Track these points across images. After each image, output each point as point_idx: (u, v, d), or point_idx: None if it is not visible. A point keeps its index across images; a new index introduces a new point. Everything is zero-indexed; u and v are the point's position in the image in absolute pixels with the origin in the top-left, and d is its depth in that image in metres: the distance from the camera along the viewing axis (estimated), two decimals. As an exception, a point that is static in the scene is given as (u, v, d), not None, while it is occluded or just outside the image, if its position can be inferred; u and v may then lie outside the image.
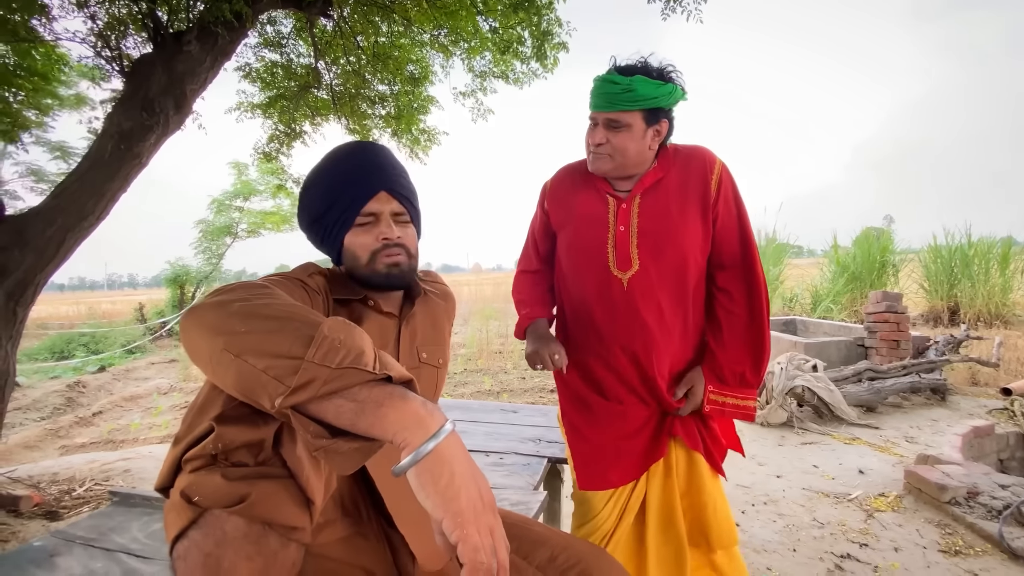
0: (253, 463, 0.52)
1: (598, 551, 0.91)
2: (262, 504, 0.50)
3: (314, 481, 0.55)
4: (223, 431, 0.51)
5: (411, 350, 0.94)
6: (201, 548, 0.48)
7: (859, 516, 2.27)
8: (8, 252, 1.95)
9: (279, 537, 0.51)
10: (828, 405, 3.46)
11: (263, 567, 0.50)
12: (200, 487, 0.50)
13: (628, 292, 1.16)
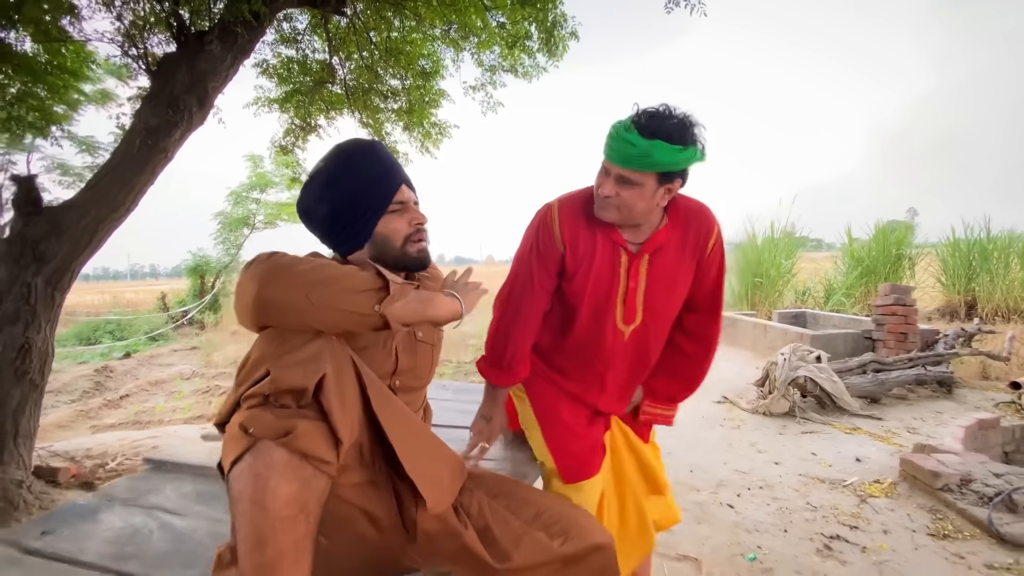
0: (295, 406, 0.64)
1: (579, 511, 1.01)
2: (302, 438, 0.62)
3: (343, 425, 0.66)
4: (276, 376, 0.63)
5: (408, 330, 1.03)
6: (253, 470, 0.61)
7: (852, 501, 2.33)
8: (47, 241, 2.10)
9: (313, 468, 0.63)
10: (831, 396, 3.50)
11: (299, 490, 0.62)
12: (255, 420, 0.62)
13: (627, 343, 1.25)
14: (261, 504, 0.60)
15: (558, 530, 0.94)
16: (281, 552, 0.60)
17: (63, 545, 1.07)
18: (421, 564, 0.91)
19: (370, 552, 0.85)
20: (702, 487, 2.53)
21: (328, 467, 0.65)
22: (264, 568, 0.59)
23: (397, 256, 0.99)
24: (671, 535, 2.10)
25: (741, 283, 8.45)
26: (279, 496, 0.60)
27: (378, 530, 0.84)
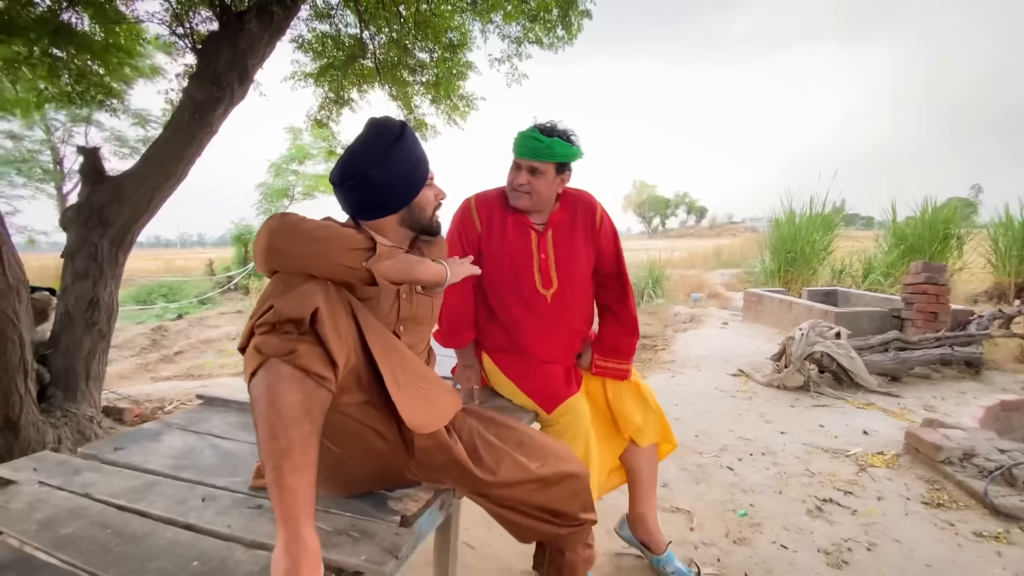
0: (297, 333, 0.80)
1: (559, 444, 1.16)
2: (303, 357, 0.77)
3: (337, 351, 0.82)
4: (278, 308, 0.79)
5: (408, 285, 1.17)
6: (266, 380, 0.77)
7: (851, 469, 2.41)
8: (110, 206, 2.35)
9: (314, 382, 0.79)
10: (848, 372, 3.51)
11: (303, 398, 0.78)
12: (265, 343, 0.78)
13: (551, 305, 1.56)
14: (274, 406, 0.76)
15: (537, 456, 1.10)
16: (291, 442, 0.76)
17: (132, 458, 1.30)
18: (420, 478, 1.09)
19: (379, 462, 1.03)
20: (705, 451, 2.65)
21: (326, 383, 0.80)
22: (278, 453, 0.76)
23: (427, 222, 1.15)
24: (668, 490, 2.24)
25: (773, 260, 8.28)
26: (287, 400, 0.76)
27: (385, 441, 1.01)
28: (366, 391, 0.94)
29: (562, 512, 1.12)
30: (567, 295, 1.57)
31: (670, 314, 7.13)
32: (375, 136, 1.09)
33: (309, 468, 0.78)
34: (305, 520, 0.76)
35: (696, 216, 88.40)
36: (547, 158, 1.45)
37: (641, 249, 14.72)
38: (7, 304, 1.89)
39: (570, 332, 1.62)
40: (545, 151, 1.44)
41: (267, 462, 0.76)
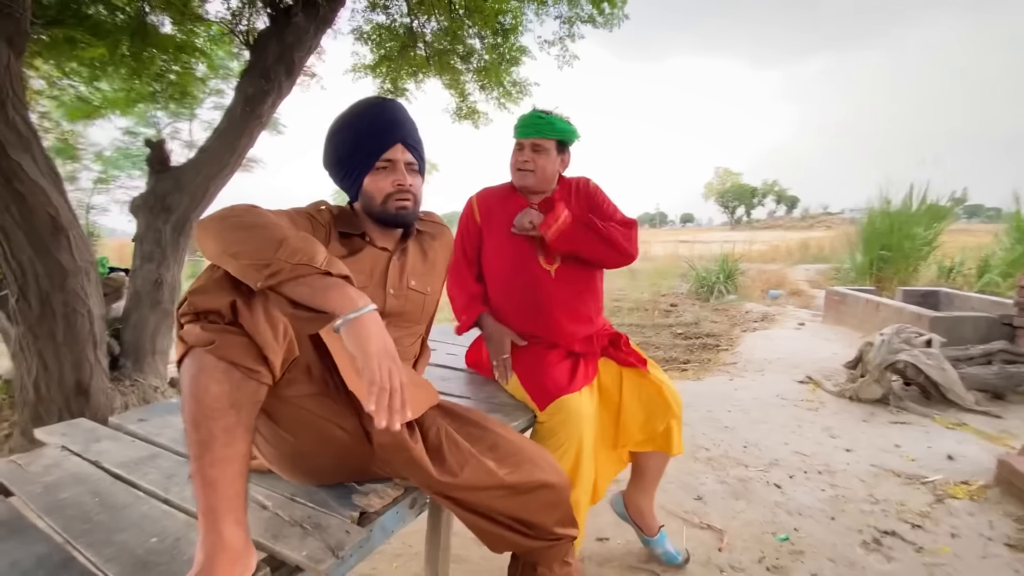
0: (222, 323, 0.77)
1: (538, 450, 1.08)
2: (224, 348, 0.75)
3: (270, 345, 0.78)
4: (191, 300, 0.77)
5: (400, 278, 1.15)
6: (190, 371, 0.76)
7: (926, 499, 2.09)
8: (172, 195, 2.55)
9: (242, 374, 0.76)
10: (938, 385, 3.06)
11: (229, 389, 0.75)
12: (187, 332, 0.77)
13: (556, 279, 1.54)
14: (195, 397, 0.74)
15: (510, 461, 1.02)
16: (212, 434, 0.74)
17: (149, 429, 1.38)
18: (387, 473, 1.05)
19: (342, 451, 1.00)
20: (751, 464, 2.42)
21: (257, 375, 0.77)
22: (199, 444, 0.74)
23: (378, 213, 1.10)
24: (703, 504, 2.07)
25: (866, 256, 7.45)
26: (210, 392, 0.74)
27: (345, 431, 0.98)
28: (317, 384, 0.91)
29: (534, 523, 1.04)
30: (571, 269, 1.57)
31: (741, 312, 6.66)
32: (334, 120, 1.09)
33: (233, 461, 0.75)
34: (225, 515, 0.74)
35: (787, 206, 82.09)
36: (549, 134, 1.51)
37: (719, 241, 13.88)
38: (76, 282, 2.09)
39: (578, 314, 1.57)
40: (546, 127, 1.51)
41: (190, 452, 0.75)
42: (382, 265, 1.13)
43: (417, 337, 1.25)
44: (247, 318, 0.77)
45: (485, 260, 1.63)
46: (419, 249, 1.21)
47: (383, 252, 1.14)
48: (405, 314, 1.16)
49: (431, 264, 1.23)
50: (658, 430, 1.50)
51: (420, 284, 1.18)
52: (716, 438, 2.71)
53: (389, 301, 1.12)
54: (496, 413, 1.42)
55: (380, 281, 1.12)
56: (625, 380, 1.54)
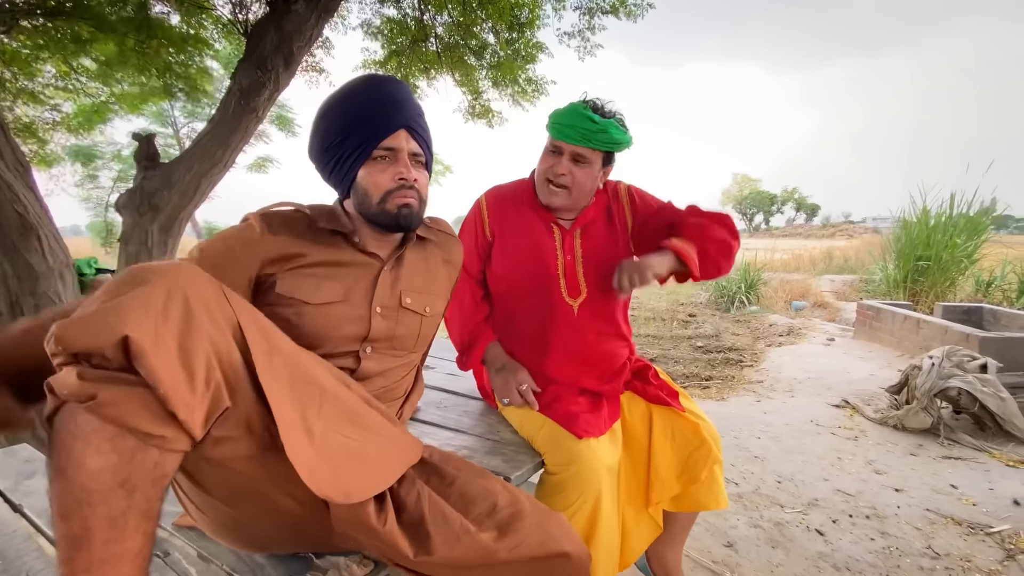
0: (113, 368, 0.53)
1: (550, 514, 0.84)
2: (110, 407, 0.52)
3: (181, 397, 0.54)
4: (58, 334, 0.53)
5: (391, 293, 0.93)
6: (59, 434, 0.52)
7: (995, 555, 1.81)
8: (159, 193, 2.38)
9: (137, 440, 0.53)
10: (995, 416, 2.75)
11: (115, 463, 0.52)
12: (59, 382, 0.53)
13: (579, 317, 1.28)
14: (64, 473, 0.52)
15: (512, 531, 0.78)
16: (87, 528, 0.52)
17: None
18: (350, 546, 0.83)
19: (293, 522, 0.78)
20: (788, 504, 2.15)
21: (158, 441, 0.54)
22: (67, 540, 0.52)
23: (374, 213, 0.89)
24: (734, 553, 1.82)
25: (898, 267, 7.07)
26: (84, 467, 0.51)
27: (298, 502, 0.75)
28: (259, 441, 0.68)
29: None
30: (599, 306, 1.30)
31: (764, 324, 6.34)
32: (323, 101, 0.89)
33: (121, 561, 0.54)
34: None
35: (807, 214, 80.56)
36: (599, 144, 1.19)
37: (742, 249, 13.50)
38: (48, 286, 1.93)
39: (600, 353, 1.31)
40: (598, 135, 1.17)
41: (57, 550, 0.53)
42: (370, 276, 0.92)
43: (411, 368, 1.03)
44: (149, 359, 0.53)
45: (491, 280, 1.35)
46: (420, 259, 0.99)
47: (372, 260, 0.93)
48: (396, 339, 0.94)
49: (433, 279, 1.01)
50: (699, 478, 1.25)
51: (417, 303, 0.96)
52: (746, 470, 2.44)
53: (376, 323, 0.91)
54: (495, 456, 1.19)
55: (365, 297, 0.90)
56: (656, 419, 1.29)
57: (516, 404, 1.26)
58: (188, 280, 0.59)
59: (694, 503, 1.29)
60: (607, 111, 1.21)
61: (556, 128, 1.20)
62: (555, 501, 1.12)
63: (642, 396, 1.33)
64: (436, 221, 1.09)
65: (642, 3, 3.13)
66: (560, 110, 1.22)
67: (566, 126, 1.18)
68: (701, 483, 1.28)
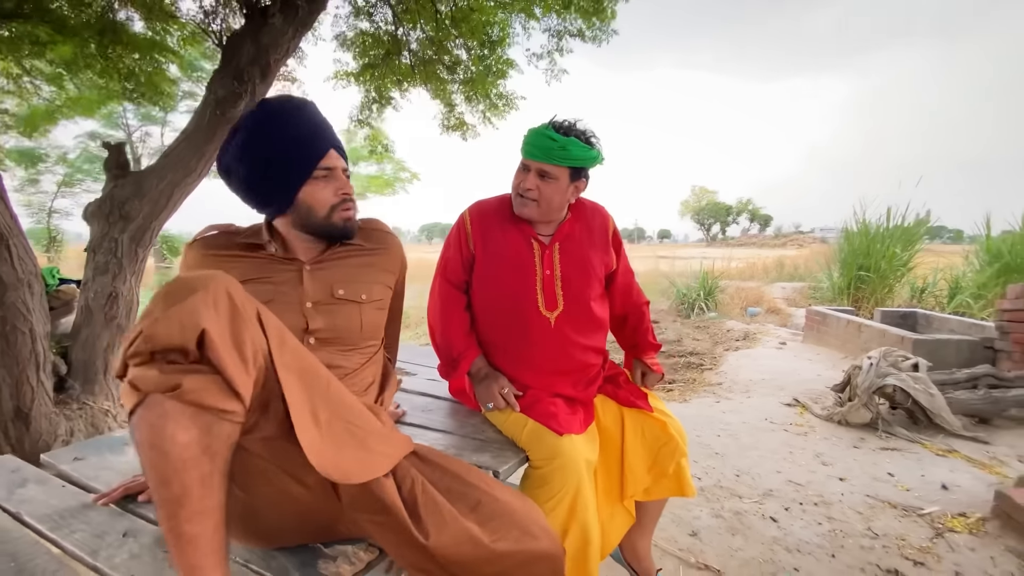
0: (186, 362, 0.65)
1: (530, 509, 0.94)
2: (191, 393, 0.63)
3: (240, 379, 0.66)
4: (149, 334, 0.63)
5: (321, 288, 1.01)
6: (147, 420, 0.62)
7: (925, 533, 2.01)
8: (130, 202, 2.36)
9: (212, 415, 0.64)
10: (926, 410, 3.03)
11: (198, 435, 0.63)
12: (140, 378, 0.63)
13: (555, 329, 1.36)
14: (160, 449, 0.62)
15: (497, 525, 0.87)
16: (186, 487, 0.62)
17: (85, 471, 1.20)
18: (357, 532, 0.90)
19: (301, 510, 0.85)
20: (745, 495, 2.32)
21: (229, 415, 0.65)
22: (171, 501, 0.62)
23: (321, 226, 0.99)
24: (698, 541, 1.96)
25: (842, 275, 7.56)
26: (177, 442, 0.62)
27: (306, 488, 0.83)
28: (276, 425, 0.76)
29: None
30: (574, 319, 1.38)
31: (722, 330, 6.64)
32: (241, 122, 0.95)
33: (213, 512, 0.65)
34: (212, 570, 0.64)
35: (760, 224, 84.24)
36: (560, 161, 1.27)
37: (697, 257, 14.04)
38: (16, 296, 1.89)
39: (575, 363, 1.40)
40: (559, 152, 1.26)
41: (160, 511, 0.64)
42: (295, 277, 1.00)
43: (366, 358, 1.07)
44: (218, 349, 0.65)
45: (474, 291, 1.43)
46: (347, 255, 1.06)
47: (292, 264, 1.01)
48: (339, 329, 1.01)
49: (363, 268, 1.08)
50: (667, 471, 1.37)
51: (351, 291, 1.03)
52: (708, 465, 2.61)
53: (312, 320, 0.98)
54: (483, 453, 1.27)
55: (294, 299, 0.98)
56: (627, 421, 1.41)
57: (499, 407, 1.34)
58: (229, 283, 0.70)
59: (665, 491, 1.41)
60: (571, 130, 1.29)
61: (525, 148, 1.32)
62: (539, 492, 1.21)
63: (614, 399, 1.44)
64: (369, 221, 1.17)
65: (607, 29, 3.31)
66: (530, 130, 1.33)
67: (532, 145, 1.29)
68: (670, 476, 1.40)
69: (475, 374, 1.41)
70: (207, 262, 0.96)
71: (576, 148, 1.27)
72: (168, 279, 6.95)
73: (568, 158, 1.27)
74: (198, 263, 0.97)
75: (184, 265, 1.01)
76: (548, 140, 1.27)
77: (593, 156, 1.30)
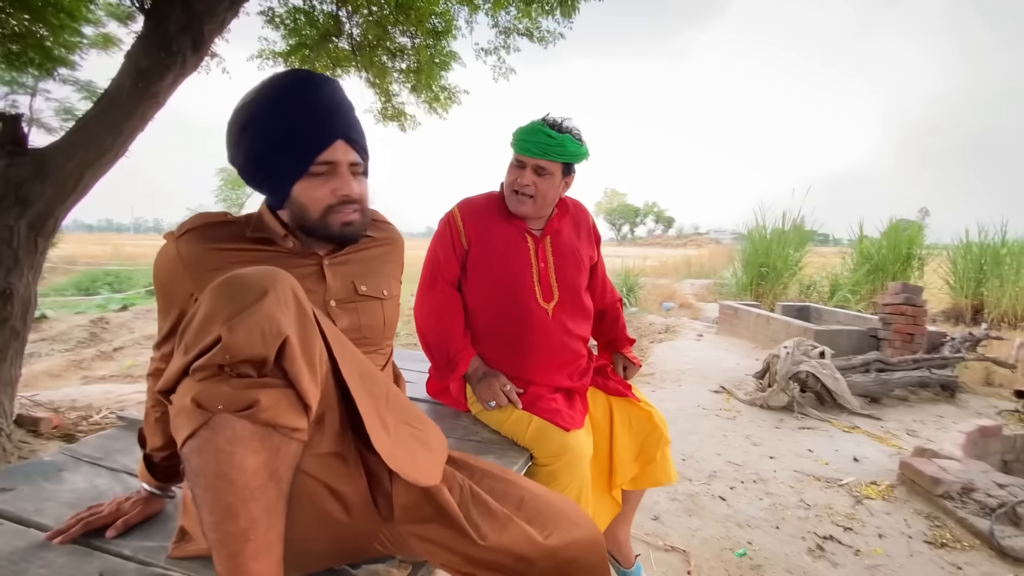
0: (257, 375, 0.57)
1: (566, 501, 0.93)
2: (269, 410, 0.56)
3: (311, 390, 0.60)
4: (230, 343, 0.55)
5: (343, 284, 0.91)
6: (214, 444, 0.54)
7: (847, 501, 2.28)
8: (30, 184, 2.00)
9: (281, 436, 0.58)
10: (831, 392, 3.44)
11: (267, 459, 0.57)
12: (210, 394, 0.54)
13: (553, 320, 1.38)
14: (227, 478, 0.54)
15: (542, 520, 0.85)
16: (253, 520, 0.55)
17: (21, 504, 1.00)
18: (393, 549, 0.84)
19: (337, 534, 0.78)
20: (694, 477, 2.48)
21: (298, 433, 0.59)
22: (237, 537, 0.55)
23: (313, 227, 0.85)
24: (661, 525, 2.06)
25: (745, 272, 8.34)
26: (246, 469, 0.55)
27: (346, 510, 0.76)
28: (330, 439, 0.69)
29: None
30: (570, 309, 1.42)
31: (645, 323, 7.04)
32: (244, 99, 0.82)
33: (277, 544, 0.59)
34: None
35: (664, 225, 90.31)
36: (557, 157, 1.30)
37: (613, 256, 14.76)
38: None
39: (571, 352, 1.43)
40: (556, 149, 1.30)
41: (220, 549, 0.55)
42: (314, 274, 0.88)
43: (385, 359, 1.00)
44: (297, 359, 0.58)
45: (470, 287, 1.40)
46: (360, 247, 0.96)
47: (310, 259, 0.89)
48: (365, 328, 0.92)
49: (379, 263, 0.99)
50: (654, 459, 1.43)
51: (373, 287, 0.95)
52: (657, 453, 2.75)
53: (338, 319, 0.88)
54: (486, 455, 1.24)
55: (318, 298, 0.87)
56: (615, 410, 1.45)
57: (502, 405, 1.32)
58: (291, 280, 0.61)
59: (651, 480, 1.47)
60: (564, 127, 1.33)
61: (519, 144, 1.32)
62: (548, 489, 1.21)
63: (603, 390, 1.48)
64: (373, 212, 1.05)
65: (555, 31, 3.36)
66: (522, 127, 1.34)
67: (528, 142, 1.30)
68: (656, 463, 1.46)
69: (472, 374, 1.39)
70: (210, 258, 0.80)
71: (571, 144, 1.31)
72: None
73: (564, 154, 1.31)
74: (197, 259, 0.80)
75: (167, 262, 0.82)
76: (545, 137, 1.29)
77: (584, 152, 1.36)
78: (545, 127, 1.31)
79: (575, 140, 1.33)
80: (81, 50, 3.25)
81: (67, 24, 3.26)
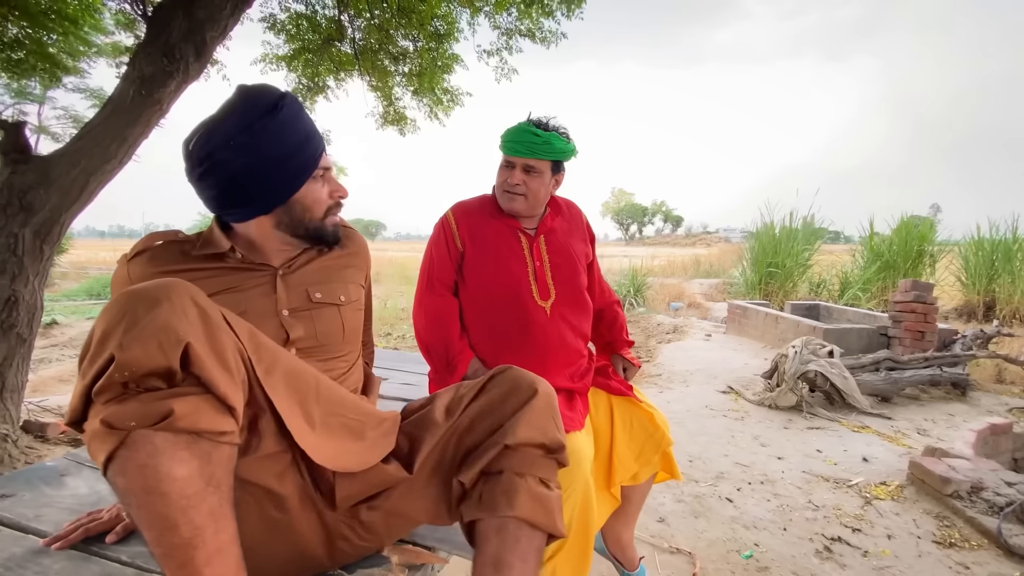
0: (168, 386, 0.56)
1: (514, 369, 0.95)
2: (187, 418, 0.55)
3: (231, 391, 0.59)
4: (124, 360, 0.54)
5: (296, 294, 0.92)
6: (135, 462, 0.53)
7: (856, 502, 2.25)
8: (35, 191, 2.03)
9: (208, 441, 0.57)
10: (840, 392, 3.39)
11: (199, 467, 0.56)
12: (120, 414, 0.53)
13: (551, 318, 1.38)
14: (158, 491, 0.54)
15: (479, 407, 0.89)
16: (197, 527, 0.55)
17: (21, 510, 1.01)
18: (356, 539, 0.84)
19: (285, 539, 0.77)
20: (701, 479, 2.46)
21: (226, 436, 0.59)
22: (181, 547, 0.54)
23: (315, 227, 0.90)
24: (666, 526, 2.04)
25: (754, 271, 8.27)
26: (177, 478, 0.54)
27: (285, 511, 0.75)
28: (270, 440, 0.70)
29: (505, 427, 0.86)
30: (569, 304, 1.42)
31: (652, 324, 7.00)
32: (241, 105, 0.81)
33: (231, 546, 0.58)
34: None
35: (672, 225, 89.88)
36: (544, 155, 1.32)
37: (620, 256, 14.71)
38: None
39: (572, 352, 1.42)
40: (542, 147, 1.32)
41: (167, 562, 0.55)
42: (265, 285, 0.89)
43: (349, 365, 1.00)
44: (204, 363, 0.57)
45: (467, 289, 1.40)
46: (318, 256, 0.98)
47: (262, 270, 0.90)
48: (321, 336, 0.92)
49: (336, 269, 0.99)
50: (653, 459, 1.42)
51: (328, 294, 0.95)
52: (662, 454, 2.73)
53: (292, 329, 0.88)
54: (485, 455, 1.24)
55: (268, 308, 0.88)
56: (616, 410, 1.44)
57: None
58: (188, 287, 0.62)
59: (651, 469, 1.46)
60: (550, 126, 1.35)
61: (507, 145, 1.34)
62: None
63: (605, 390, 1.47)
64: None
65: (556, 31, 3.35)
66: (509, 128, 1.37)
67: (515, 142, 1.32)
68: (656, 463, 1.45)
69: (471, 376, 1.38)
70: None
71: (557, 142, 1.33)
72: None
73: (551, 152, 1.32)
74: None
75: (120, 285, 0.84)
76: (532, 136, 1.31)
77: (571, 149, 1.37)
78: (531, 127, 1.33)
79: (561, 138, 1.34)
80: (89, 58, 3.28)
81: (72, 31, 3.31)
